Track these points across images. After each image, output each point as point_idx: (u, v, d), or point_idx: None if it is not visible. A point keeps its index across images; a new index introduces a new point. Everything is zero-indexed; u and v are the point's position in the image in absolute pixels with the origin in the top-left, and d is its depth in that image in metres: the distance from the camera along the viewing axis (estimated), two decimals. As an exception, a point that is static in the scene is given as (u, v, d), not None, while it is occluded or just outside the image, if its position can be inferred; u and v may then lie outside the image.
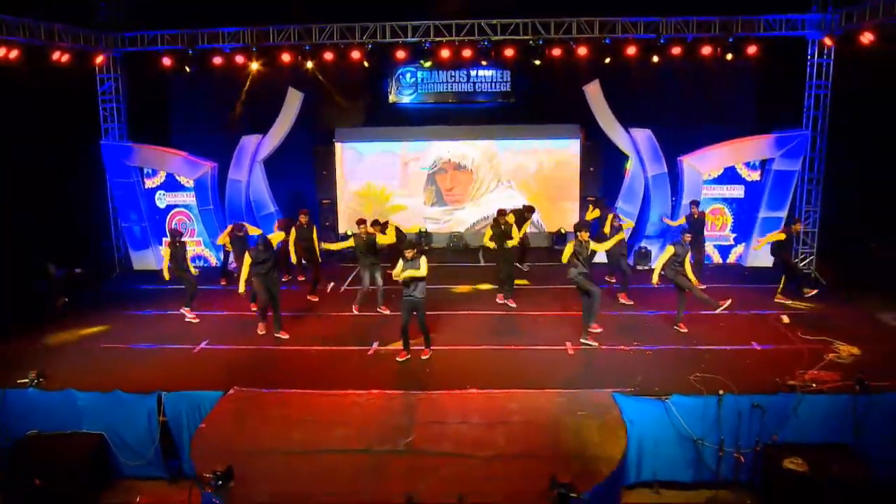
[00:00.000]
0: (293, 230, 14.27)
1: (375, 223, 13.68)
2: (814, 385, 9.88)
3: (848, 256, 16.80)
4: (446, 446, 8.37)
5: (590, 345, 11.57)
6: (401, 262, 10.88)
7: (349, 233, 13.52)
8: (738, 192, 16.40)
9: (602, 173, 18.03)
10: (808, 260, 16.64)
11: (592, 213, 15.07)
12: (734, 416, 9.47)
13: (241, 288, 12.21)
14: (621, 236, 13.56)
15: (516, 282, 14.33)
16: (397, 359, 11.15)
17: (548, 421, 8.95)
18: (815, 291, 14.12)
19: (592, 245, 11.68)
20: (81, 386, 10.14)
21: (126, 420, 9.93)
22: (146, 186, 17.35)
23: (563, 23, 15.75)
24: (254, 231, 14.07)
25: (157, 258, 17.14)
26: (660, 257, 12.40)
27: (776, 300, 13.69)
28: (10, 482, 9.49)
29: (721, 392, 9.54)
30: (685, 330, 12.19)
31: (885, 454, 9.43)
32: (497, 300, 13.95)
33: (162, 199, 17.41)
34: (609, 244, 12.85)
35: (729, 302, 12.28)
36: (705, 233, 15.46)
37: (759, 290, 14.27)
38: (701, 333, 12.08)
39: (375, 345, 11.82)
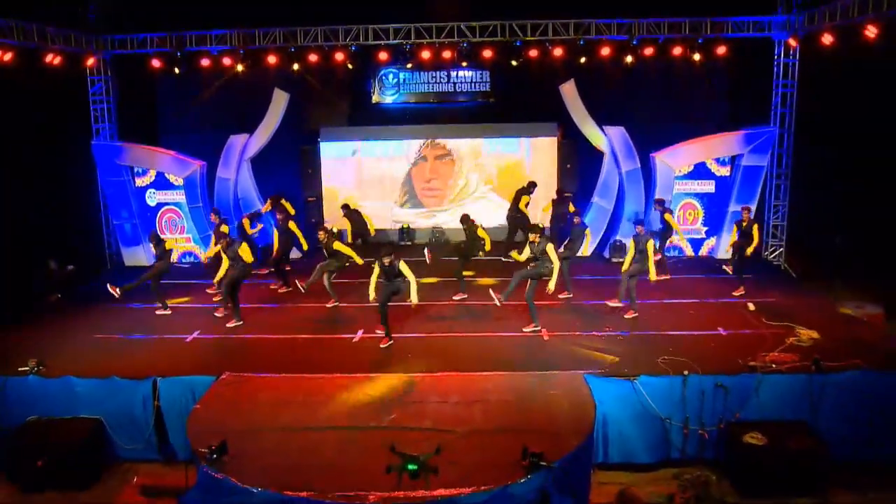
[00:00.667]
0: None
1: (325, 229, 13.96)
2: (773, 366, 10.53)
3: (816, 249, 17.54)
4: (426, 423, 8.94)
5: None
6: (377, 268, 11.49)
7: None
8: (708, 187, 17.03)
9: (578, 169, 18.59)
10: (777, 252, 17.29)
11: (546, 208, 16.33)
12: (698, 395, 10.08)
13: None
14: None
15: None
16: (381, 345, 11.72)
17: (522, 399, 9.53)
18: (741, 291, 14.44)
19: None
20: (79, 373, 10.62)
21: (122, 405, 10.41)
22: (136, 185, 17.78)
23: (539, 24, 16.30)
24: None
25: (147, 254, 17.56)
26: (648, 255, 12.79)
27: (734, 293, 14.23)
28: (14, 464, 10.00)
29: (685, 373, 10.16)
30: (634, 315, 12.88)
31: (840, 429, 10.05)
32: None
33: (152, 198, 17.84)
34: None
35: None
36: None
37: (729, 280, 14.85)
38: (672, 320, 12.70)
39: (360, 333, 12.39)
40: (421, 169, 19.32)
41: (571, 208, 15.41)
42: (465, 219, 14.41)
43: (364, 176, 19.35)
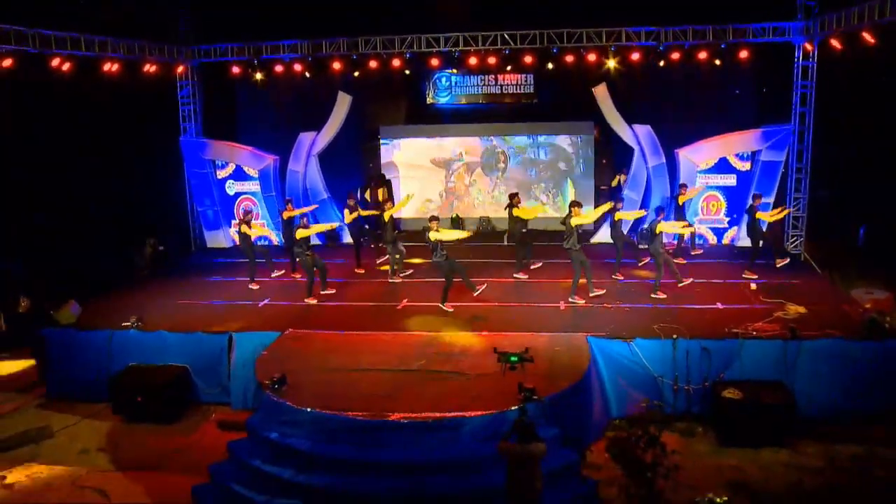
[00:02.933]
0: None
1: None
2: (754, 333, 12.09)
3: (834, 240, 18.80)
4: (446, 367, 10.94)
5: (576, 303, 14.01)
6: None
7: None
8: (730, 180, 18.39)
9: (614, 164, 20.20)
10: (797, 242, 18.53)
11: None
12: (686, 357, 11.65)
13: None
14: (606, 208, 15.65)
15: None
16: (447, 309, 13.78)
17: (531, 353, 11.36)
18: (787, 261, 16.01)
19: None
20: (170, 329, 12.96)
21: (204, 355, 12.60)
22: (218, 176, 20.13)
23: (574, 32, 17.74)
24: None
25: (226, 238, 19.99)
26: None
27: (744, 275, 15.57)
28: (118, 399, 12.33)
29: (675, 337, 11.81)
30: (664, 296, 14.40)
31: (812, 389, 11.42)
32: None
33: (231, 187, 20.18)
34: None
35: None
36: (700, 216, 18.15)
37: (743, 265, 16.22)
38: (675, 296, 14.26)
39: (405, 301, 14.44)
40: (470, 168, 21.29)
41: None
42: (510, 196, 16.24)
43: (419, 169, 21.35)
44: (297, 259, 15.26)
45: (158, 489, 10.06)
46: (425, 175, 21.51)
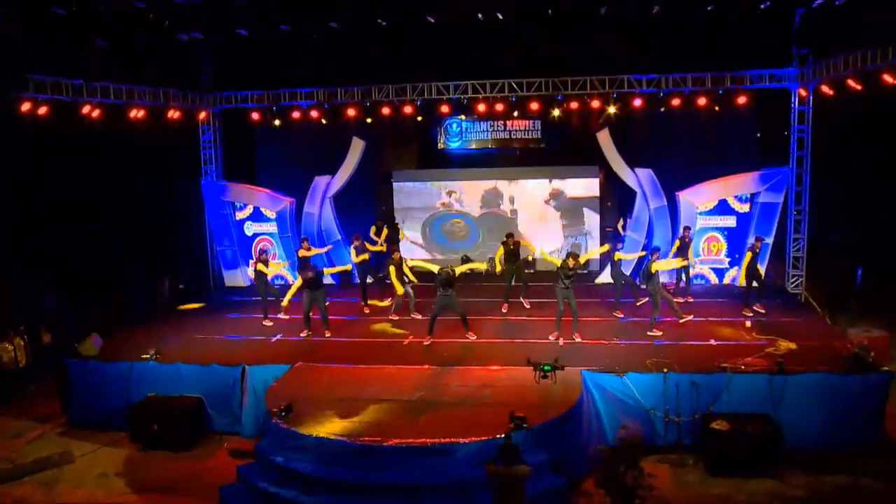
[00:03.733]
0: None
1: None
2: (743, 367, 12.58)
3: (835, 280, 19.20)
4: (446, 398, 11.55)
5: (575, 340, 14.61)
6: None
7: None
8: (730, 221, 18.94)
9: (618, 207, 20.85)
10: (798, 282, 18.99)
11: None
12: (676, 390, 12.10)
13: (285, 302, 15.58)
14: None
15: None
16: (424, 343, 14.47)
17: (524, 386, 11.92)
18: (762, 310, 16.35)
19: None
20: (186, 361, 13.64)
21: (218, 387, 13.21)
22: (237, 217, 21.00)
23: (578, 80, 18.56)
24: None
25: (244, 277, 20.79)
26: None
27: (743, 312, 16.12)
28: (136, 428, 13.01)
29: (665, 371, 12.33)
30: (659, 333, 14.92)
31: (799, 422, 11.76)
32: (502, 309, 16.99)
33: (249, 228, 21.02)
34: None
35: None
36: (701, 256, 18.75)
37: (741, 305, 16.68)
38: (671, 333, 14.79)
39: (410, 338, 15.08)
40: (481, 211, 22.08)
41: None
42: (510, 236, 17.02)
43: (429, 211, 22.15)
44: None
45: (171, 510, 10.68)
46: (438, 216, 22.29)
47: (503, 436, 9.21)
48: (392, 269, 15.80)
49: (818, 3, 15.56)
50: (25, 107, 15.23)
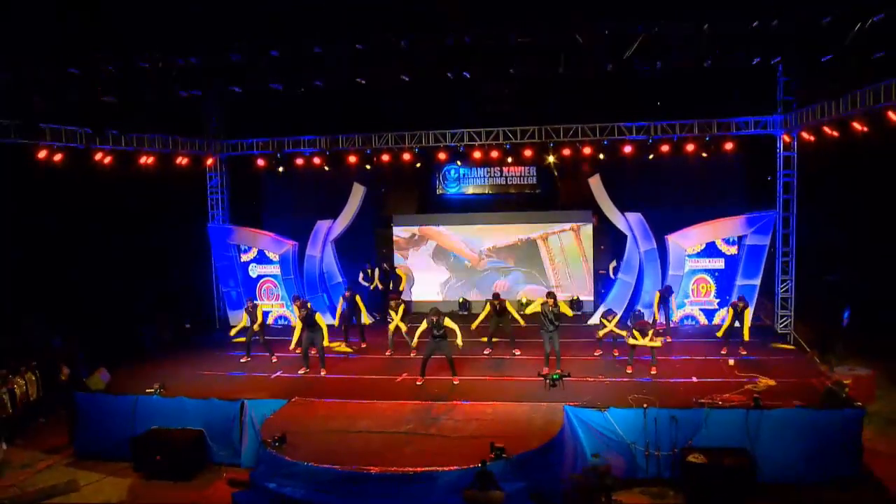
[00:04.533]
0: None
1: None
2: (720, 403, 13.08)
3: (825, 320, 19.69)
4: (433, 431, 12.12)
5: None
6: (424, 324, 15.06)
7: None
8: (718, 264, 19.51)
9: (611, 250, 21.49)
10: (787, 322, 19.45)
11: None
12: (655, 424, 12.56)
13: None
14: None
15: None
16: (417, 383, 14.99)
17: (509, 420, 12.50)
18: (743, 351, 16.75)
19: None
20: (189, 395, 14.25)
21: (218, 420, 13.75)
22: (242, 260, 21.73)
23: (570, 128, 19.37)
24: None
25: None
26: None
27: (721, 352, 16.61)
28: (140, 458, 13.58)
29: (645, 406, 12.83)
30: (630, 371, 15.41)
31: (774, 455, 12.21)
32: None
33: (254, 270, 21.73)
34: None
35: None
36: (691, 297, 19.35)
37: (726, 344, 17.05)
38: (658, 371, 15.34)
39: (404, 375, 15.65)
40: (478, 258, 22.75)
41: None
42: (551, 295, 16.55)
43: (429, 255, 22.82)
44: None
45: (170, 535, 11.24)
46: (432, 263, 22.94)
47: (480, 464, 9.74)
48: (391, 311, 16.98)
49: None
50: (42, 154, 16.10)
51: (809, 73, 17.26)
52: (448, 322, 15.00)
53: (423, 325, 15.09)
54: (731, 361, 15.79)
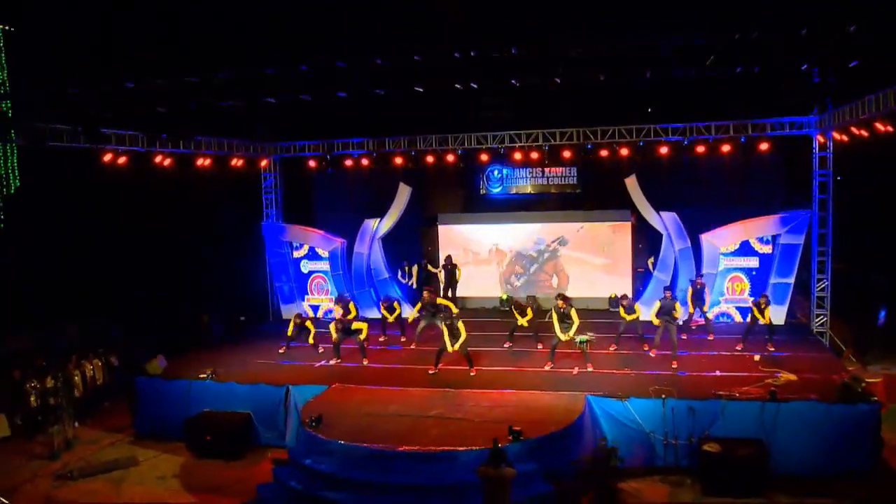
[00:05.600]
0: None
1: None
2: (738, 395, 13.57)
3: (859, 319, 19.87)
4: (458, 415, 13.02)
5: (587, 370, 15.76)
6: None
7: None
8: (753, 262, 19.79)
9: (648, 249, 21.95)
10: (823, 321, 19.63)
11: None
12: (673, 414, 13.14)
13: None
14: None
15: None
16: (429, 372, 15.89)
17: (531, 407, 13.27)
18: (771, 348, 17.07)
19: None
20: (239, 381, 15.38)
21: (265, 404, 14.88)
22: (294, 256, 22.84)
23: (607, 129, 19.83)
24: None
25: (300, 310, 22.51)
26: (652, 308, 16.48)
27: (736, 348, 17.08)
28: (192, 438, 14.76)
29: (664, 396, 13.41)
30: (675, 366, 15.87)
31: (787, 446, 12.72)
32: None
33: (305, 266, 22.83)
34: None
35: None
36: (726, 295, 19.79)
37: (757, 342, 17.13)
38: (681, 364, 15.84)
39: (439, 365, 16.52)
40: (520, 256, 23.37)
41: None
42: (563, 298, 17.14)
43: (472, 253, 23.60)
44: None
45: (218, 506, 12.40)
46: (477, 259, 23.68)
47: (510, 448, 10.57)
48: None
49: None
50: (107, 157, 17.39)
51: (842, 75, 17.43)
52: (461, 326, 15.75)
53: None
54: (757, 357, 16.15)
